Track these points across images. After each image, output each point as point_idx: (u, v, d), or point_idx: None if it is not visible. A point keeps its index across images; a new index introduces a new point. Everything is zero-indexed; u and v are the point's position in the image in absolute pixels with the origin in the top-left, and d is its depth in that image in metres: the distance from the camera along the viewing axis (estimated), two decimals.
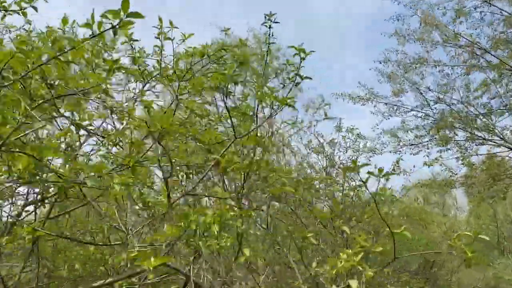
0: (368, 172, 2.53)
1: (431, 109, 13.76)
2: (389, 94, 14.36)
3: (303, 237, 2.81)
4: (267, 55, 4.29)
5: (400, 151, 13.98)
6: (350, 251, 2.24)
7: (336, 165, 10.41)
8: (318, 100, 14.99)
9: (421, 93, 14.08)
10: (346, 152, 10.95)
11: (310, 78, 3.19)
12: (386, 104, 13.94)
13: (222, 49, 4.18)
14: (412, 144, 13.77)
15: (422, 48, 13.27)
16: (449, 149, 13.07)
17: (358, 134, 11.15)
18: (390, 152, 14.09)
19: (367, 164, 2.49)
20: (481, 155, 13.48)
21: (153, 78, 4.31)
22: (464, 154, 12.81)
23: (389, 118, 14.15)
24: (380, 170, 2.50)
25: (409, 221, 10.88)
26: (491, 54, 12.11)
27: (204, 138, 3.07)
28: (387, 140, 14.07)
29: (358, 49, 34.84)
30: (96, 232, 3.75)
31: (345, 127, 10.95)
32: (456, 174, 13.37)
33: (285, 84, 4.24)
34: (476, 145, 13.11)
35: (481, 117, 12.98)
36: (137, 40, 4.42)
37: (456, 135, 13.49)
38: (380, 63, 14.17)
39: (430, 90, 14.02)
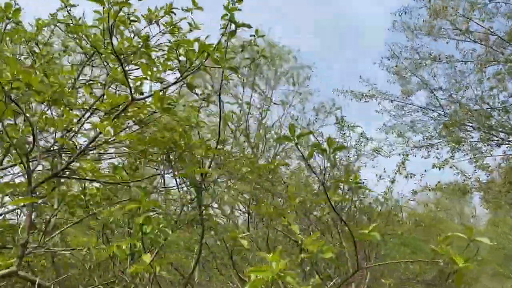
0: (315, 145, 1.79)
1: (442, 108, 12.81)
2: (394, 91, 13.55)
3: (233, 238, 2.08)
4: (229, 24, 3.57)
5: (409, 153, 13.07)
6: (272, 256, 1.51)
7: (337, 166, 9.68)
8: (329, 104, 14.49)
9: (432, 92, 13.17)
10: (348, 153, 10.18)
11: (249, 26, 2.46)
12: (392, 101, 13.06)
13: (171, 12, 3.49)
14: (422, 146, 12.83)
15: (431, 40, 12.37)
16: (459, 149, 12.05)
17: (361, 133, 10.38)
18: (399, 154, 13.20)
19: (309, 132, 1.79)
20: (496, 156, 12.43)
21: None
22: (475, 155, 11.79)
23: (396, 118, 13.29)
24: (330, 141, 1.76)
25: (412, 226, 10.04)
26: (508, 43, 11.13)
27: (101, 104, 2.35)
28: (394, 140, 13.20)
29: (358, 49, 34.23)
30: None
31: (346, 126, 10.19)
32: (470, 178, 12.36)
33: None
34: (491, 146, 12.08)
35: (496, 114, 11.97)
36: (74, 5, 3.77)
37: (471, 136, 12.51)
38: (389, 59, 13.34)
39: (441, 89, 13.10)
